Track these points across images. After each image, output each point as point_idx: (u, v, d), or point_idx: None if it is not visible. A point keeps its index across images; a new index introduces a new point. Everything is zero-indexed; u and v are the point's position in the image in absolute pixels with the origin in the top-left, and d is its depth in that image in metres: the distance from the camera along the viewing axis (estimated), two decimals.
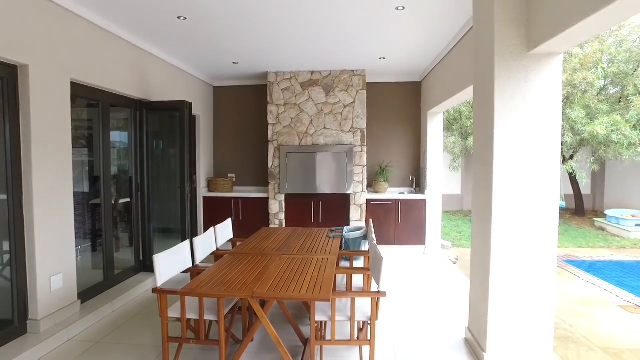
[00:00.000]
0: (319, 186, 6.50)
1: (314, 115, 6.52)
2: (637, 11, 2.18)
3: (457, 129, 10.13)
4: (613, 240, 8.18)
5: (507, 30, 2.92)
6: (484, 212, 3.14)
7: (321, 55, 5.57)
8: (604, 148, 8.19)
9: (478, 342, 3.23)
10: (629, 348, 3.64)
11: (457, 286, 4.94)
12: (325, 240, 4.03)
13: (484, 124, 3.16)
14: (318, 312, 2.79)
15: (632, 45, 8.44)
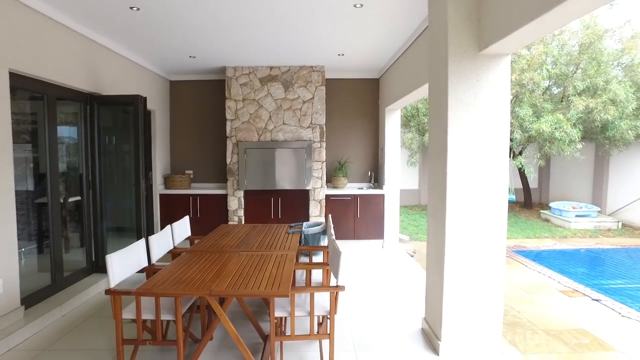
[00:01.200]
0: (278, 182, 6.48)
1: (273, 111, 6.48)
2: (575, 17, 2.34)
3: (415, 125, 10.40)
4: (556, 230, 8.72)
5: (459, 31, 3.04)
6: (438, 206, 3.26)
7: (280, 50, 5.55)
8: (549, 144, 8.70)
9: (434, 332, 3.36)
10: (567, 329, 3.92)
11: (415, 278, 5.10)
12: (285, 236, 4.04)
13: (438, 121, 3.28)
14: (277, 308, 2.80)
15: (572, 49, 8.99)
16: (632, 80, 8.69)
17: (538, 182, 12.16)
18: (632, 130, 8.52)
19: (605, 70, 8.52)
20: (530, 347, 3.55)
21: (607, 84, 8.38)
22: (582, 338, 3.73)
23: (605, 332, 3.84)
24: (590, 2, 2.09)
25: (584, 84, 8.52)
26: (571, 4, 2.09)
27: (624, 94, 8.21)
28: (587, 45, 8.75)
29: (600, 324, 4.05)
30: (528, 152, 10.16)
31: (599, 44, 8.67)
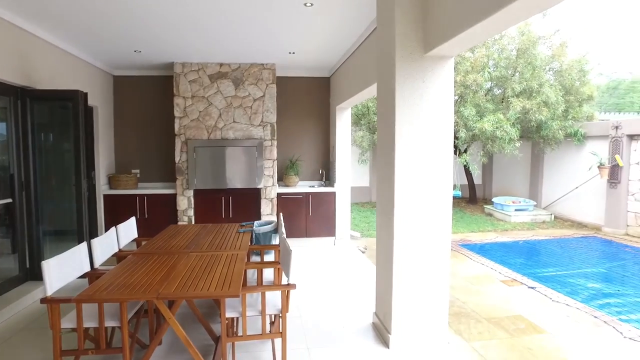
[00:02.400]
0: (229, 181, 6.38)
1: (223, 109, 6.37)
2: (511, 24, 2.49)
3: (365, 123, 10.60)
4: (498, 224, 9.25)
5: (406, 33, 3.14)
6: (387, 203, 3.36)
7: (230, 47, 5.45)
8: (491, 143, 9.19)
9: (384, 325, 3.46)
10: (507, 316, 4.18)
11: (366, 274, 5.21)
12: (236, 235, 3.99)
13: (386, 120, 3.37)
14: (228, 309, 2.77)
15: (510, 54, 9.56)
16: (562, 85, 9.38)
17: (482, 179, 12.81)
18: (562, 130, 9.20)
19: (539, 74, 9.13)
20: (474, 335, 3.75)
21: (540, 87, 8.98)
22: (519, 323, 4.00)
23: (538, 317, 4.14)
24: (523, 12, 2.24)
25: (521, 87, 9.08)
26: (506, 13, 2.23)
27: (555, 97, 8.84)
28: (523, 51, 9.33)
29: (535, 309, 4.35)
30: (472, 150, 10.68)
31: (533, 49, 9.28)
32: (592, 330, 3.92)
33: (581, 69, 9.52)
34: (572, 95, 9.51)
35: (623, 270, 6.10)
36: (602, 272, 5.98)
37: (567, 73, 9.37)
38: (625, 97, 22.75)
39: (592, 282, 5.44)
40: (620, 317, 4.26)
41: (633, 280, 5.63)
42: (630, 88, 23.24)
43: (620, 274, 5.90)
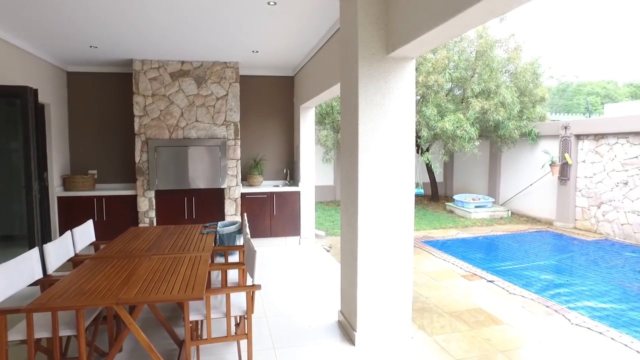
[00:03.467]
0: (192, 181, 6.25)
1: (185, 108, 6.23)
2: (469, 27, 2.58)
3: (329, 122, 10.66)
4: (459, 220, 9.55)
5: (369, 35, 3.19)
6: (350, 201, 3.40)
7: (192, 45, 5.33)
8: (452, 142, 9.47)
9: (349, 323, 3.50)
10: (467, 309, 4.33)
11: (331, 273, 5.25)
12: (199, 237, 3.92)
13: (349, 120, 3.41)
14: (192, 312, 2.72)
15: (469, 56, 9.89)
16: (517, 86, 9.80)
17: (443, 177, 13.18)
18: (517, 130, 9.61)
19: (496, 76, 9.50)
20: (437, 329, 3.86)
21: (497, 88, 9.35)
22: (479, 316, 4.15)
23: (496, 309, 4.32)
24: (479, 16, 2.33)
25: (480, 87, 9.41)
26: (464, 17, 2.31)
27: (511, 98, 9.23)
28: (481, 53, 9.66)
29: (493, 302, 4.53)
30: (434, 148, 10.97)
31: (491, 52, 9.63)
32: (544, 318, 4.12)
33: (534, 72, 9.97)
34: (526, 96, 9.95)
35: (571, 261, 6.46)
36: (554, 264, 6.31)
37: (522, 75, 9.80)
38: (573, 99, 24.08)
39: (544, 274, 5.73)
40: (569, 305, 4.51)
41: (580, 270, 5.97)
42: (577, 91, 24.63)
43: (569, 265, 6.25)
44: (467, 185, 12.32)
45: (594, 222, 8.38)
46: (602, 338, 3.75)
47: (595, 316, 4.28)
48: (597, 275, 5.71)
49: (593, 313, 4.37)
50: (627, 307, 4.60)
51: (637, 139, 7.58)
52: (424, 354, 3.31)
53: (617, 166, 7.91)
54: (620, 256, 6.69)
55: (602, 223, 8.21)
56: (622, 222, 7.80)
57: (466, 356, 3.37)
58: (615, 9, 41.73)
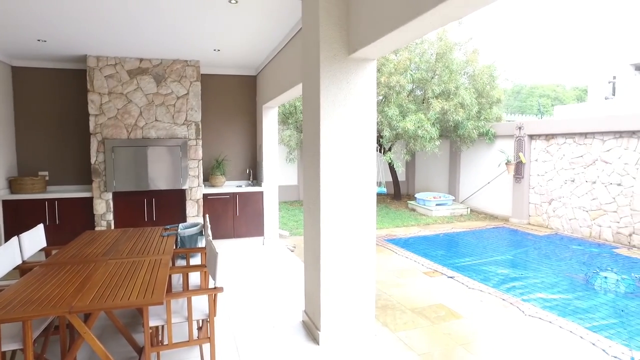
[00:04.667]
0: (152, 182, 6.07)
1: (144, 107, 6.03)
2: (428, 30, 2.65)
3: (293, 122, 10.64)
4: (421, 218, 9.78)
5: (330, 35, 3.20)
6: (313, 201, 3.41)
7: (151, 42, 5.17)
8: (413, 141, 9.68)
9: (313, 322, 3.51)
10: (429, 305, 4.45)
11: (295, 273, 5.25)
12: (159, 239, 3.81)
13: (311, 120, 3.42)
14: (152, 317, 2.64)
15: (430, 58, 10.15)
16: (475, 88, 10.16)
17: (405, 176, 13.46)
18: (476, 130, 9.96)
19: (455, 77, 9.80)
20: (399, 326, 3.94)
21: (457, 89, 9.65)
22: (440, 311, 4.27)
23: (456, 304, 4.46)
24: (437, 20, 2.40)
25: (440, 89, 9.68)
26: (422, 20, 2.37)
27: (469, 99, 9.55)
28: (441, 55, 9.94)
29: (453, 297, 4.68)
30: (396, 148, 11.18)
31: (450, 55, 9.93)
32: (501, 311, 4.30)
33: (491, 74, 10.37)
34: (484, 97, 10.34)
35: (526, 256, 6.77)
36: (510, 258, 6.59)
37: (479, 77, 10.17)
38: (527, 101, 25.26)
39: (501, 269, 5.97)
40: (523, 298, 4.73)
41: (533, 264, 6.27)
42: (530, 93, 25.85)
43: (523, 260, 6.54)
44: (429, 184, 12.65)
45: (545, 218, 8.82)
46: (551, 327, 3.95)
47: (546, 306, 4.51)
48: (548, 268, 6.02)
49: (544, 304, 4.60)
50: (573, 297, 4.87)
51: (582, 140, 8.04)
52: (387, 350, 3.37)
53: (565, 165, 8.37)
54: (568, 249, 7.08)
55: (552, 218, 8.65)
56: (570, 217, 8.26)
57: (428, 351, 3.46)
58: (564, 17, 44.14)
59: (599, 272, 5.54)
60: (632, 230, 7.18)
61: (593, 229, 7.83)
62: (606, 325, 4.11)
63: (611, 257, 6.55)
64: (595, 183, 7.80)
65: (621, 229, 7.35)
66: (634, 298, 4.85)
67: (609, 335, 3.85)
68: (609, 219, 7.55)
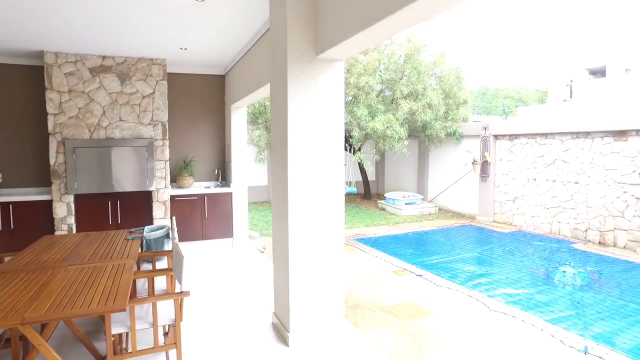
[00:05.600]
0: (117, 184, 5.88)
1: (108, 106, 5.83)
2: (396, 31, 2.68)
3: (262, 122, 10.55)
4: (391, 217, 9.91)
5: (298, 36, 3.19)
6: (281, 202, 3.39)
7: (114, 38, 4.99)
8: (382, 141, 9.79)
9: (283, 324, 3.49)
10: (398, 303, 4.51)
11: (265, 274, 5.20)
12: (123, 243, 3.69)
13: (279, 120, 3.39)
14: (115, 324, 2.55)
15: (399, 59, 10.30)
16: (442, 89, 10.38)
17: (375, 175, 13.60)
18: (443, 130, 10.19)
19: (423, 79, 9.98)
20: (369, 325, 3.98)
21: (424, 90, 9.83)
22: (409, 310, 4.34)
23: (424, 302, 4.54)
24: (404, 22, 2.43)
25: (408, 89, 9.83)
26: (389, 22, 2.39)
27: (437, 100, 9.75)
28: (409, 56, 10.11)
29: (422, 295, 4.76)
30: (366, 148, 11.28)
31: (418, 56, 10.11)
32: (467, 308, 4.41)
33: (458, 76, 10.63)
34: (451, 98, 10.58)
35: (491, 253, 6.98)
36: (476, 255, 6.77)
37: (447, 79, 10.40)
38: (492, 102, 26.06)
39: (468, 266, 6.13)
40: (488, 294, 4.87)
41: (498, 260, 6.47)
42: (496, 94, 26.69)
43: (489, 256, 6.74)
44: (398, 183, 12.83)
45: (510, 216, 9.12)
46: (514, 321, 4.09)
47: (510, 301, 4.66)
48: (512, 264, 6.23)
49: (508, 299, 4.75)
50: (535, 291, 5.06)
51: (543, 140, 8.36)
52: (357, 350, 3.38)
53: (528, 164, 8.68)
54: (530, 245, 7.35)
55: (516, 216, 8.96)
56: (532, 215, 8.57)
57: (397, 349, 3.50)
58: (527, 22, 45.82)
59: (558, 266, 5.77)
60: (587, 226, 7.53)
61: (553, 226, 8.15)
62: (564, 317, 4.29)
63: (569, 252, 6.84)
64: (555, 182, 8.12)
65: (578, 225, 7.69)
66: (588, 290, 5.09)
67: (566, 327, 4.02)
68: (567, 215, 7.88)
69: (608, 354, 3.49)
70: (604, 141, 7.32)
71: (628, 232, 6.94)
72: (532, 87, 29.21)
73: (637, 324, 4.18)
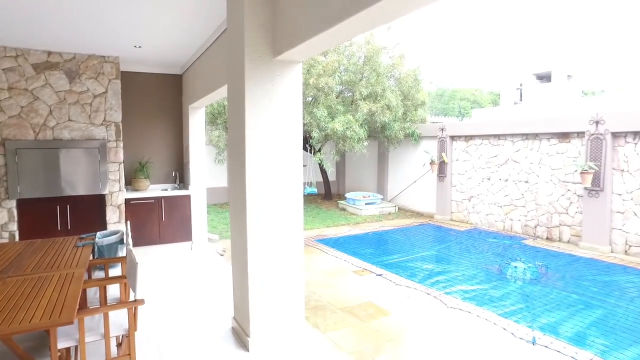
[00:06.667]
0: (67, 187, 5.57)
1: (55, 105, 5.52)
2: (354, 34, 2.70)
3: (221, 122, 10.36)
4: (351, 217, 10.01)
5: (256, 36, 3.15)
6: (239, 205, 3.34)
7: (61, 33, 4.71)
8: (342, 142, 9.87)
9: (243, 329, 3.43)
10: (358, 304, 4.55)
11: (224, 278, 5.10)
12: (73, 250, 3.51)
13: (236, 122, 3.34)
14: (62, 338, 2.41)
15: (358, 60, 10.42)
16: (401, 91, 10.60)
17: (336, 176, 13.70)
18: (402, 131, 10.41)
19: (382, 80, 10.14)
20: (330, 326, 3.99)
21: (383, 92, 9.99)
22: (369, 309, 4.39)
23: (384, 301, 4.61)
24: (360, 26, 2.45)
25: (368, 91, 9.95)
26: (346, 25, 2.40)
27: (395, 101, 9.94)
28: (369, 58, 10.24)
29: (382, 294, 4.83)
30: (326, 149, 11.33)
31: (377, 58, 10.26)
32: (426, 305, 4.52)
33: (416, 78, 10.88)
34: (409, 100, 10.82)
35: (448, 250, 7.21)
36: (434, 254, 6.97)
37: (405, 81, 10.63)
38: (449, 103, 26.94)
39: (426, 264, 6.28)
40: (446, 291, 5.02)
41: (455, 258, 6.69)
42: (453, 96, 27.61)
43: (446, 254, 6.96)
44: (358, 184, 12.99)
45: (466, 214, 9.45)
46: (470, 316, 4.24)
47: (466, 298, 4.82)
48: (468, 261, 6.45)
49: (464, 295, 4.91)
50: (489, 287, 5.27)
51: (496, 141, 8.73)
52: (317, 352, 3.39)
53: (482, 164, 9.03)
54: (485, 242, 7.65)
55: (472, 214, 9.30)
56: (487, 213, 8.93)
57: (358, 349, 3.53)
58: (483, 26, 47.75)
59: (510, 262, 6.04)
60: (536, 223, 7.93)
61: (506, 223, 8.53)
62: (515, 310, 4.49)
63: (520, 248, 7.18)
64: (507, 181, 8.50)
65: (528, 222, 8.09)
66: (537, 284, 5.36)
67: (517, 320, 4.21)
68: (518, 213, 8.27)
69: (553, 342, 3.69)
70: (550, 142, 7.73)
71: (571, 227, 7.37)
72: (486, 90, 30.45)
73: (578, 313, 4.46)
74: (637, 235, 6.51)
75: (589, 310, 4.53)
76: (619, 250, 6.71)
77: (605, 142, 6.76)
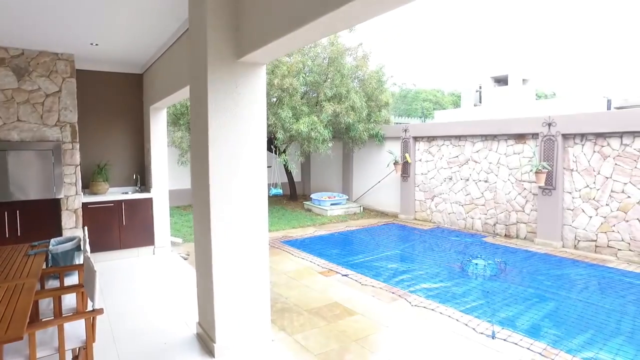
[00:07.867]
0: (16, 191, 5.27)
1: (2, 104, 5.20)
2: (318, 37, 2.71)
3: (184, 123, 10.13)
4: (317, 218, 10.03)
5: (219, 37, 3.10)
6: (203, 206, 3.28)
7: (7, 26, 4.42)
8: (307, 143, 9.88)
9: (208, 334, 3.37)
10: (325, 304, 4.57)
11: (188, 282, 4.98)
12: (23, 259, 3.32)
13: (199, 124, 3.28)
14: (10, 354, 2.28)
15: (322, 62, 10.46)
16: (365, 92, 10.74)
17: (301, 176, 13.70)
18: (366, 132, 10.54)
19: (346, 81, 10.24)
20: (297, 328, 3.98)
21: (348, 93, 10.09)
22: (335, 310, 4.41)
23: (350, 301, 4.65)
24: (323, 29, 2.46)
25: (332, 92, 10.02)
26: (309, 29, 2.41)
27: (360, 103, 10.06)
28: (333, 60, 10.30)
29: (348, 295, 4.87)
30: (291, 150, 11.31)
31: (342, 59, 10.34)
32: (391, 304, 4.60)
33: (379, 79, 11.06)
34: (373, 101, 10.97)
35: (412, 249, 7.37)
36: (398, 253, 7.10)
37: (369, 82, 10.77)
38: (412, 105, 27.53)
39: (391, 263, 6.39)
40: (410, 290, 5.12)
41: (419, 257, 6.85)
42: (415, 97, 28.23)
43: (410, 253, 7.11)
44: (324, 184, 13.04)
45: (429, 213, 9.69)
46: (434, 313, 4.35)
47: (430, 295, 4.94)
48: (431, 259, 6.62)
49: (428, 293, 5.04)
50: (451, 284, 5.42)
51: (457, 142, 9.00)
52: (284, 355, 3.37)
53: (444, 164, 9.28)
54: (448, 241, 7.87)
55: (435, 213, 9.54)
56: (449, 212, 9.19)
57: (324, 350, 3.55)
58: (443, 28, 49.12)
59: (471, 259, 6.25)
60: (496, 221, 8.24)
61: (467, 221, 8.81)
62: (476, 306, 4.65)
63: (481, 245, 7.44)
64: (468, 180, 8.78)
65: (488, 220, 8.39)
66: (496, 280, 5.57)
67: (477, 315, 4.36)
68: (479, 211, 8.56)
69: (511, 335, 3.85)
70: (507, 143, 8.06)
71: (527, 224, 7.71)
72: (447, 91, 31.32)
73: (533, 307, 4.67)
74: (584, 230, 6.90)
75: (543, 303, 4.76)
76: (570, 245, 7.09)
77: (556, 143, 7.11)
